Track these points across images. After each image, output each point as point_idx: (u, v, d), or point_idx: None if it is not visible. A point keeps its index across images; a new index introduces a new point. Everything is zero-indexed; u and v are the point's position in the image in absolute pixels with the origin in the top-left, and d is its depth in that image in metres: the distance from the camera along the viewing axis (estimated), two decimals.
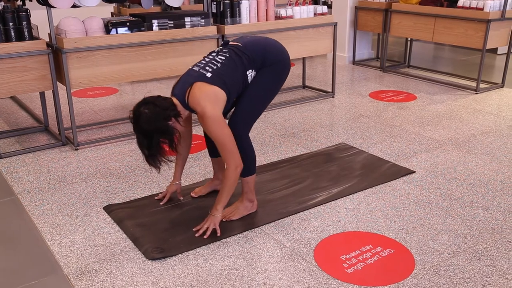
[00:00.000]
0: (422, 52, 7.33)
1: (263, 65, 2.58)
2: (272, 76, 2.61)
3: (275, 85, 2.65)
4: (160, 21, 3.96)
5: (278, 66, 2.62)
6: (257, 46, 2.60)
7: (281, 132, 4.11)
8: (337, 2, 6.47)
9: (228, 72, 2.47)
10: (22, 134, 4.10)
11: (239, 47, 2.58)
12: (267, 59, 2.58)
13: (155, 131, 2.35)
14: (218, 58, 2.53)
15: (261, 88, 2.59)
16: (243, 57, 2.52)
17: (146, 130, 2.35)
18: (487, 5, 4.93)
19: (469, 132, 4.07)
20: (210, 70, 2.46)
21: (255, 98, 2.60)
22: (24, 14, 3.46)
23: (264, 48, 2.60)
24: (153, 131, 2.34)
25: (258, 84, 2.58)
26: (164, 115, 2.37)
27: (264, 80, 2.58)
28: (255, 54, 2.55)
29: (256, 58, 2.55)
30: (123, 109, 4.74)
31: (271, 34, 4.47)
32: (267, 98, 2.65)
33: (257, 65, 2.56)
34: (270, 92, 2.64)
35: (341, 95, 5.17)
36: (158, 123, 2.34)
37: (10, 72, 3.45)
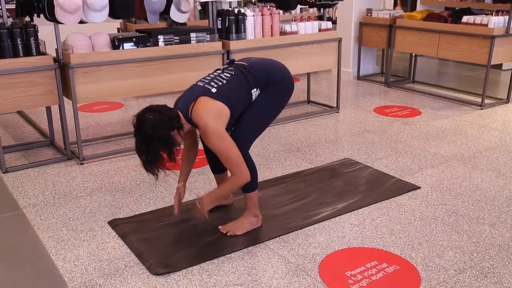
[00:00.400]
0: (426, 68, 7.35)
1: (267, 84, 2.60)
2: (275, 95, 2.63)
3: (278, 105, 2.67)
4: (166, 36, 3.99)
5: (281, 86, 2.65)
6: (262, 67, 2.63)
7: (286, 147, 4.12)
8: (342, 18, 6.52)
9: (233, 90, 2.48)
10: (28, 148, 4.12)
11: (244, 66, 2.60)
12: (272, 78, 2.61)
13: (157, 139, 2.33)
14: (223, 75, 2.55)
15: (263, 107, 2.61)
16: (248, 76, 2.55)
17: (148, 136, 2.33)
18: (491, 21, 4.95)
19: (474, 148, 4.06)
20: (215, 86, 2.47)
21: (257, 116, 2.61)
22: (32, 30, 3.50)
23: (269, 68, 2.64)
24: (155, 138, 2.33)
25: (261, 102, 2.60)
26: (169, 125, 2.36)
27: (267, 99, 2.60)
28: (260, 73, 2.58)
29: (261, 77, 2.57)
30: (128, 124, 4.76)
31: (276, 49, 4.49)
32: (269, 117, 2.68)
33: (261, 85, 2.58)
34: (272, 111, 2.67)
35: (345, 110, 5.18)
36: (161, 131, 2.34)
37: (17, 87, 3.48)
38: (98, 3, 3.53)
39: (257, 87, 2.57)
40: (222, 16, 4.30)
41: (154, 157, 2.36)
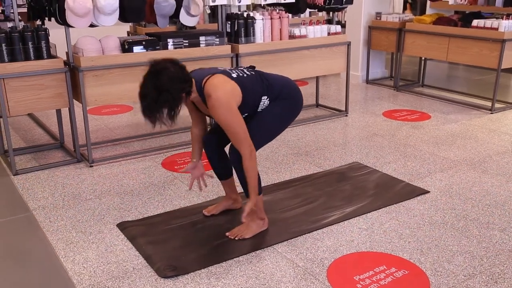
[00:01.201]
0: (436, 71, 7.31)
1: (278, 97, 2.62)
2: (284, 109, 2.65)
3: (285, 119, 2.69)
4: (175, 40, 4.01)
5: (292, 102, 2.69)
6: (278, 80, 2.69)
7: (294, 150, 4.11)
8: (351, 21, 6.51)
9: (250, 85, 2.52)
10: (38, 151, 4.15)
11: (263, 73, 2.66)
12: (283, 92, 2.64)
13: (168, 91, 2.31)
14: (245, 70, 2.62)
15: (271, 118, 2.63)
16: (264, 82, 2.59)
17: (161, 85, 2.30)
18: (502, 25, 4.92)
19: (484, 152, 4.03)
20: (236, 73, 2.54)
21: (264, 126, 2.61)
22: (43, 34, 3.54)
23: (283, 83, 2.68)
24: (167, 90, 2.31)
25: (269, 113, 2.62)
26: (183, 84, 2.37)
27: (276, 111, 2.62)
28: (274, 84, 2.63)
29: (274, 88, 2.61)
30: (137, 127, 4.79)
31: (285, 53, 4.50)
32: (276, 129, 2.70)
33: (273, 95, 2.60)
34: (280, 124, 2.69)
35: (354, 114, 5.17)
36: (175, 85, 2.32)
37: (28, 90, 3.51)
38: (109, 7, 3.55)
39: (268, 96, 2.59)
40: (231, 20, 4.31)
41: (158, 107, 2.33)
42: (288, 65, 4.55)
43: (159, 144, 4.28)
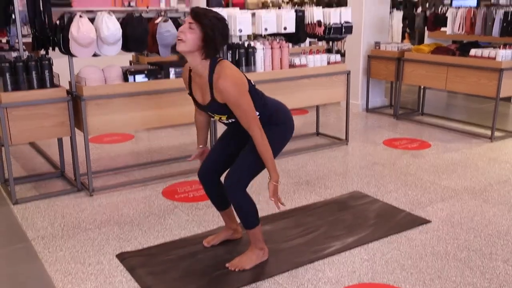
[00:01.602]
0: (435, 100, 7.36)
1: (270, 121, 2.59)
2: (277, 135, 2.63)
3: (278, 146, 2.66)
4: (177, 69, 4.06)
5: (285, 128, 2.69)
6: (273, 102, 2.71)
7: (295, 179, 4.11)
8: (350, 51, 6.59)
9: (252, 90, 2.53)
10: (38, 180, 4.14)
11: (261, 91, 2.68)
12: (278, 117, 2.65)
13: (219, 32, 2.36)
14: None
15: (270, 143, 2.58)
16: (262, 98, 2.61)
17: (217, 27, 2.35)
18: (499, 54, 4.97)
19: (485, 181, 4.02)
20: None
21: (257, 153, 2.57)
22: (46, 63, 3.58)
23: (278, 107, 2.70)
24: (219, 31, 2.36)
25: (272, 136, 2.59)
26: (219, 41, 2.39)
27: (270, 137, 2.57)
28: (269, 105, 2.64)
29: (268, 108, 2.61)
30: (138, 155, 4.80)
31: (286, 82, 4.54)
32: (274, 153, 2.65)
33: (265, 115, 2.57)
34: (274, 150, 2.64)
35: (355, 142, 5.18)
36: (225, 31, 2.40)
37: (30, 118, 3.53)
38: (112, 37, 3.60)
39: (260, 113, 2.55)
40: (232, 49, 4.37)
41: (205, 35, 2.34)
42: (289, 94, 4.59)
43: (160, 173, 4.28)
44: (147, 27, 3.82)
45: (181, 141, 5.23)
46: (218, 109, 2.50)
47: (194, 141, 5.16)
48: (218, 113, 2.53)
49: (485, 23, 5.20)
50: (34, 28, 3.82)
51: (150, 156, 4.76)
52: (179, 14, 4.12)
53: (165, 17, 3.88)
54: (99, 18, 3.58)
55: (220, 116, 2.54)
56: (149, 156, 4.76)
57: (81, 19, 3.48)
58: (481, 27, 5.24)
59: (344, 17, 4.82)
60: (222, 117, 2.55)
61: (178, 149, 4.97)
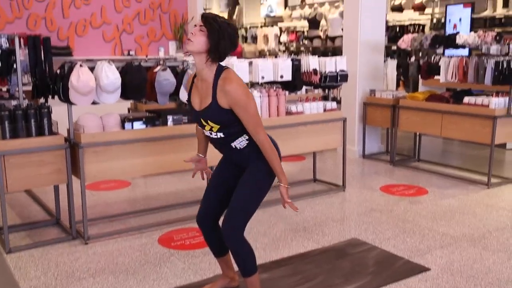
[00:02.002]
0: (431, 146, 7.41)
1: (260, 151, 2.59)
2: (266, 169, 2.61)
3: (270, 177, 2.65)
4: (175, 116, 4.10)
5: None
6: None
7: (292, 226, 4.08)
8: (346, 98, 6.69)
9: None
10: (33, 227, 4.10)
11: None
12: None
13: (228, 34, 2.45)
14: None
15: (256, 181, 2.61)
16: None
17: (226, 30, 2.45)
18: (492, 102, 5.06)
19: (484, 228, 4.00)
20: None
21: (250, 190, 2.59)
22: (46, 111, 3.62)
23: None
24: (228, 33, 2.45)
25: (253, 176, 2.60)
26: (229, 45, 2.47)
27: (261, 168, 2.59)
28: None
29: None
30: (135, 202, 4.77)
31: (283, 129, 4.59)
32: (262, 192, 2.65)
33: (253, 141, 2.57)
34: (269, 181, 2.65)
35: (352, 189, 5.18)
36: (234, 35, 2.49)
37: (27, 166, 3.53)
38: (111, 86, 3.67)
39: (249, 138, 2.56)
40: None
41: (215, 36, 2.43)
42: (286, 141, 4.62)
43: (156, 220, 4.25)
44: (145, 75, 3.90)
45: (179, 187, 5.22)
46: (214, 114, 2.49)
47: (191, 187, 5.16)
48: (212, 119, 2.51)
49: (477, 72, 5.30)
50: (35, 77, 3.89)
51: (147, 203, 4.73)
52: (177, 63, 4.21)
53: (164, 66, 3.96)
54: (99, 67, 3.65)
55: (212, 125, 2.52)
56: (145, 203, 4.74)
57: (81, 68, 3.56)
58: (473, 75, 5.34)
59: (340, 66, 4.93)
60: (214, 127, 2.53)
61: (175, 195, 4.96)
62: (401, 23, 9.36)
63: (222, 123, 2.51)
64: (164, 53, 8.77)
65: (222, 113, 2.48)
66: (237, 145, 2.58)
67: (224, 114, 2.48)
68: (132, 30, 8.61)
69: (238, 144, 2.58)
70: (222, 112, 2.48)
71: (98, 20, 8.30)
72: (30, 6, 7.69)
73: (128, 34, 8.59)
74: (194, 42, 2.43)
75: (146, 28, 8.73)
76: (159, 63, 4.03)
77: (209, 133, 2.59)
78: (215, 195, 2.76)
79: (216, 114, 2.49)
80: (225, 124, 2.51)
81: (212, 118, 2.51)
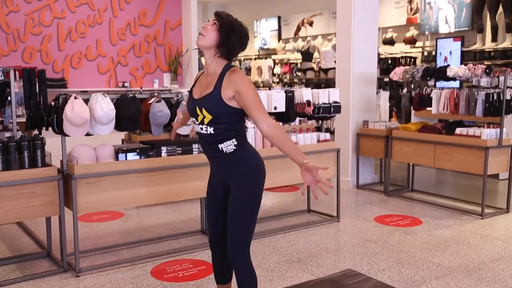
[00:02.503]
0: (425, 176, 7.43)
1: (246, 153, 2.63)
2: (255, 185, 2.62)
3: (258, 193, 2.65)
4: (169, 147, 4.11)
5: (260, 174, 2.67)
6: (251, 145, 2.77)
7: (287, 257, 4.04)
8: (339, 129, 6.74)
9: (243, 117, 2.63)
10: (23, 260, 4.04)
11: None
12: (253, 161, 2.66)
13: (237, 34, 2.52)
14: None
15: (246, 196, 2.60)
16: (243, 133, 2.67)
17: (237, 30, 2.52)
18: (484, 133, 5.11)
19: (478, 259, 3.98)
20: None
21: (244, 208, 2.58)
22: (39, 143, 3.62)
23: (255, 152, 2.72)
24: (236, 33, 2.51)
25: (243, 192, 2.59)
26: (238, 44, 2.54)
27: (247, 186, 2.59)
28: (247, 143, 2.69)
29: (245, 145, 2.65)
30: (127, 234, 4.72)
31: (277, 159, 4.59)
32: (256, 208, 2.64)
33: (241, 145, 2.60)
34: (255, 200, 2.64)
35: (346, 219, 5.16)
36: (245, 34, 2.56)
37: (19, 198, 3.51)
38: (105, 117, 3.68)
39: (237, 143, 2.57)
40: None
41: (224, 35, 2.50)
42: (280, 171, 4.63)
43: (149, 251, 4.20)
44: (140, 107, 3.92)
45: (172, 218, 5.19)
46: (212, 103, 2.50)
47: (184, 218, 5.12)
48: (208, 108, 2.50)
49: (468, 103, 5.38)
50: (29, 109, 3.91)
51: (140, 234, 4.69)
52: (172, 95, 4.24)
53: (158, 98, 4.00)
54: (93, 99, 3.68)
55: (206, 115, 2.51)
56: (138, 234, 4.69)
57: (75, 100, 3.58)
58: (464, 107, 5.42)
59: (333, 97, 4.98)
60: (207, 117, 2.52)
61: (168, 226, 4.91)
62: (393, 55, 9.53)
63: (216, 114, 2.50)
64: (159, 85, 8.86)
65: (220, 104, 2.49)
66: (224, 148, 2.56)
67: (221, 106, 2.49)
68: (127, 62, 8.71)
69: (225, 147, 2.56)
70: (221, 104, 2.49)
71: (94, 53, 8.40)
72: (26, 39, 7.79)
73: (123, 66, 8.69)
74: (205, 37, 2.51)
75: (141, 60, 8.85)
76: (153, 95, 4.06)
77: (200, 128, 2.58)
78: (216, 217, 2.75)
79: (214, 103, 2.50)
80: (218, 116, 2.51)
81: (208, 107, 2.51)
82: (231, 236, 2.59)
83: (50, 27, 7.97)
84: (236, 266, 2.60)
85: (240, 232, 2.59)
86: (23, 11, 7.73)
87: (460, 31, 8.54)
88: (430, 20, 8.98)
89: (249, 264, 2.62)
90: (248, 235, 2.62)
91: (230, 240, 2.59)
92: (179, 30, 9.18)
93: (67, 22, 8.11)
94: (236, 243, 2.58)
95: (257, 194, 2.64)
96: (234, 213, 2.59)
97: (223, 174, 2.67)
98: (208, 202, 2.80)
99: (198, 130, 2.61)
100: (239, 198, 2.59)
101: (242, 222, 2.59)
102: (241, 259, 2.58)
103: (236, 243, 2.58)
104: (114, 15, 8.53)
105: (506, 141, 5.22)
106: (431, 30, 9.00)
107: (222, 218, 2.70)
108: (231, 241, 2.59)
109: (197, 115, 2.56)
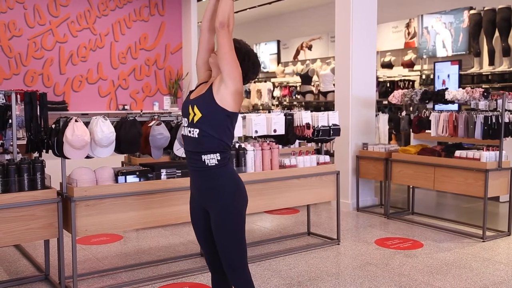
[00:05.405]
0: (425, 199, 7.41)
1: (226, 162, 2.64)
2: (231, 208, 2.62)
3: (241, 210, 2.66)
4: (168, 170, 4.11)
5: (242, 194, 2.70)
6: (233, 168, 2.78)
7: (287, 280, 4.00)
8: (339, 151, 6.75)
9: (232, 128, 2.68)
10: (21, 284, 4.00)
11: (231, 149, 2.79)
12: (234, 179, 2.68)
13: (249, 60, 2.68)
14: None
15: (229, 215, 2.61)
16: (229, 149, 2.66)
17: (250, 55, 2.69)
18: (483, 156, 5.12)
19: (481, 283, 3.95)
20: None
21: (230, 228, 2.59)
22: (39, 165, 3.62)
23: (236, 174, 2.73)
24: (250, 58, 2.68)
25: (225, 212, 2.60)
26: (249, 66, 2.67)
27: (228, 205, 2.60)
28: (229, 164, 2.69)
29: (228, 163, 2.66)
30: (126, 257, 4.69)
31: (276, 182, 4.60)
32: (241, 219, 2.65)
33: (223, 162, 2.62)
34: (240, 215, 2.65)
35: (346, 242, 5.13)
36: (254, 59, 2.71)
37: (18, 220, 3.49)
38: (105, 140, 3.70)
39: (220, 158, 2.58)
40: None
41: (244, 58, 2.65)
42: (279, 194, 4.62)
43: (148, 274, 4.16)
44: (140, 129, 3.94)
45: (171, 241, 5.15)
46: (204, 101, 2.56)
47: (183, 241, 5.09)
48: (199, 105, 2.56)
49: (467, 126, 5.40)
50: (30, 131, 3.92)
51: (139, 257, 4.65)
52: (172, 118, 4.26)
53: (158, 121, 4.02)
54: (93, 122, 3.70)
55: (196, 112, 2.56)
56: (137, 257, 4.65)
57: (76, 123, 3.59)
58: (463, 130, 5.44)
59: (332, 120, 5.01)
60: (197, 114, 2.57)
61: (167, 249, 4.88)
62: (391, 78, 9.61)
63: (206, 112, 2.55)
64: (159, 108, 8.91)
65: (211, 103, 2.55)
66: (206, 160, 2.58)
67: (212, 104, 2.54)
68: (128, 86, 8.78)
69: (208, 159, 2.58)
70: (212, 103, 2.54)
71: (94, 76, 8.47)
72: (28, 63, 7.86)
73: (124, 89, 8.75)
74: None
75: (141, 83, 8.91)
76: (153, 118, 4.08)
77: (188, 131, 2.62)
78: (204, 237, 2.75)
79: (205, 101, 2.56)
80: (207, 115, 2.55)
81: (199, 104, 2.58)
82: (225, 258, 2.60)
83: (52, 51, 8.05)
84: (238, 283, 2.60)
85: (232, 253, 2.59)
86: (25, 35, 7.83)
87: (457, 55, 8.64)
88: (427, 44, 9.09)
89: (249, 280, 2.62)
90: (241, 252, 2.62)
91: (225, 261, 2.61)
92: (179, 54, 9.27)
93: (68, 46, 8.20)
94: (231, 263, 2.60)
95: (238, 216, 2.63)
96: (219, 239, 2.60)
97: (200, 194, 2.68)
98: (192, 221, 2.81)
99: (186, 133, 2.65)
100: (220, 227, 2.60)
101: (230, 245, 2.59)
102: (242, 277, 2.59)
103: (231, 263, 2.60)
104: (115, 39, 8.62)
105: (505, 163, 5.23)
106: (428, 54, 9.10)
107: (210, 237, 2.71)
108: (226, 263, 2.60)
109: (189, 114, 2.63)
